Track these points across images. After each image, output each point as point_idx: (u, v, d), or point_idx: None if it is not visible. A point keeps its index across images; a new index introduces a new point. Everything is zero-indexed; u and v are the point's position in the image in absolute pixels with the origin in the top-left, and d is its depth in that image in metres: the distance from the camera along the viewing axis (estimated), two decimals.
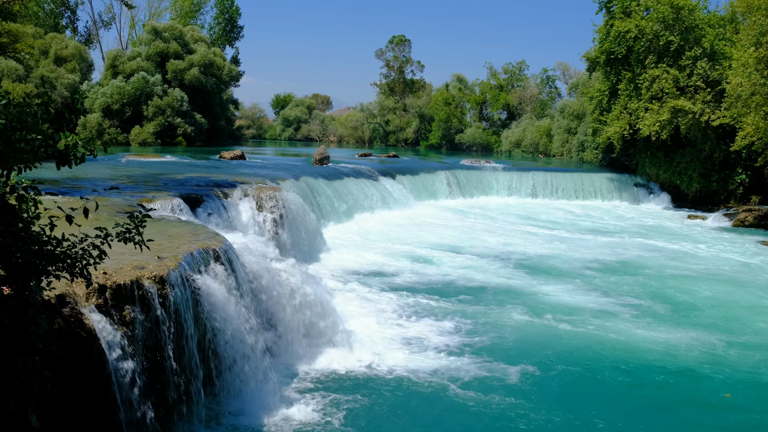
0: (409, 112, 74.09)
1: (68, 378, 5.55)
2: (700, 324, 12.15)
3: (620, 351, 10.51)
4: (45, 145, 4.24)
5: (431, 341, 10.58)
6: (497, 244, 19.76)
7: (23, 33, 35.35)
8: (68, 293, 5.88)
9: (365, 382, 8.90)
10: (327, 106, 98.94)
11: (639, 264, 17.60)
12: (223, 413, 7.67)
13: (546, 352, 10.35)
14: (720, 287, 15.24)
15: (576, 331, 11.46)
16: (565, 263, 17.27)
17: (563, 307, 13.00)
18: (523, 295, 13.84)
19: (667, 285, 15.21)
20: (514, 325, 11.69)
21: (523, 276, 15.57)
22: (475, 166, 35.82)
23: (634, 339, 11.12)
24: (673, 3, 29.82)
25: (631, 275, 16.11)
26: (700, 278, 16.16)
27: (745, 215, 26.34)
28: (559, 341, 10.91)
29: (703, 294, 14.54)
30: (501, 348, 10.44)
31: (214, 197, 14.81)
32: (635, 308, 13.06)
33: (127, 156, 28.23)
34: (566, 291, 14.29)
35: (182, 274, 7.31)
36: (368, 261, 16.40)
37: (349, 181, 24.93)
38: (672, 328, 11.83)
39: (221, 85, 53.15)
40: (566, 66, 65.75)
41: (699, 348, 10.79)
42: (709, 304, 13.69)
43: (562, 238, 21.32)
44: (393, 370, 9.31)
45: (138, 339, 6.41)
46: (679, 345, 10.88)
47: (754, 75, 24.60)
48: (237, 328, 7.97)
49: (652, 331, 11.59)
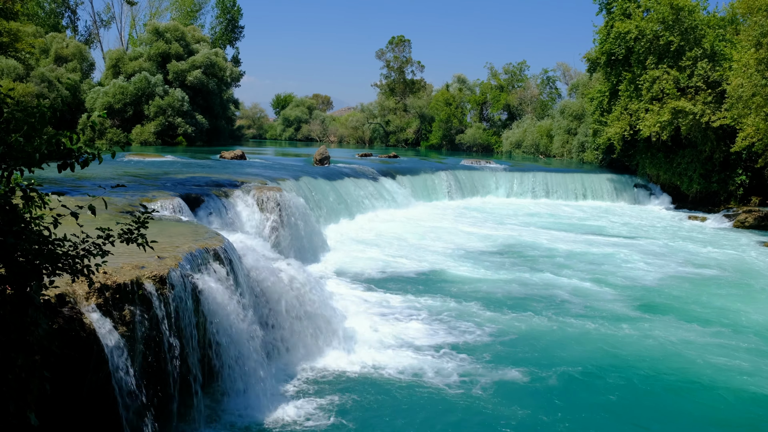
0: (409, 113, 74.11)
1: (68, 377, 5.56)
2: (699, 323, 12.16)
3: (629, 357, 10.51)
4: (49, 151, 4.23)
5: (431, 342, 10.59)
6: (497, 244, 19.76)
7: (23, 32, 35.39)
8: (68, 293, 5.89)
9: (364, 383, 8.92)
10: (327, 106, 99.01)
11: (639, 264, 17.60)
12: (222, 412, 7.68)
13: (547, 353, 10.37)
14: (719, 289, 15.25)
15: (572, 330, 11.48)
16: (561, 262, 17.28)
17: (555, 305, 13.01)
18: (528, 295, 13.85)
19: (666, 285, 15.24)
20: (514, 325, 11.70)
21: (527, 275, 15.58)
22: (475, 166, 35.82)
23: (643, 346, 11.13)
24: (672, 4, 29.82)
25: (630, 275, 16.12)
26: (700, 279, 16.16)
27: (746, 216, 26.34)
28: (557, 342, 10.92)
29: (703, 294, 14.55)
30: (501, 349, 10.45)
31: (215, 197, 14.82)
32: (639, 309, 13.07)
33: (128, 155, 28.26)
34: (562, 290, 14.30)
35: (182, 274, 7.32)
36: (368, 261, 16.40)
37: (349, 182, 24.94)
38: (669, 326, 11.85)
39: (222, 85, 53.19)
40: (567, 66, 65.90)
41: (700, 349, 10.81)
42: (708, 304, 13.71)
43: (565, 240, 21.31)
44: (392, 370, 9.32)
45: (138, 338, 6.42)
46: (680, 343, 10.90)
47: (754, 76, 24.59)
48: (237, 328, 7.99)
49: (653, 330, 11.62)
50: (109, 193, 12.74)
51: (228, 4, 67.66)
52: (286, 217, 15.69)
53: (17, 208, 4.27)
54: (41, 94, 42.39)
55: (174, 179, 17.42)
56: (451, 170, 33.09)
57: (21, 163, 4.22)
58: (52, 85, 44.66)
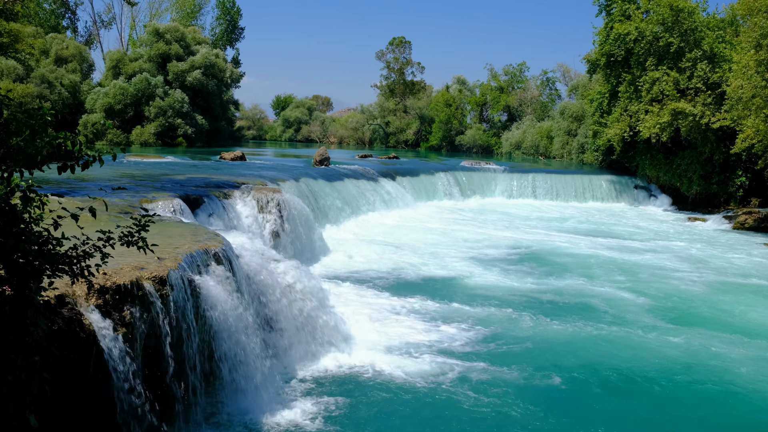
0: (409, 114, 74.10)
1: (68, 378, 5.56)
2: (697, 324, 12.16)
3: (641, 360, 10.50)
4: (50, 152, 4.23)
5: (430, 343, 10.58)
6: (497, 244, 19.76)
7: (23, 33, 35.41)
8: (68, 293, 5.89)
9: (363, 384, 8.91)
10: (327, 108, 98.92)
11: (638, 265, 17.60)
12: (222, 413, 7.68)
13: (547, 353, 10.37)
14: (719, 288, 15.25)
15: (566, 330, 11.48)
16: (559, 264, 17.29)
17: (549, 306, 13.01)
18: (526, 298, 13.85)
19: (667, 285, 15.24)
20: (513, 326, 11.69)
21: (528, 275, 15.58)
22: (475, 167, 35.82)
23: (650, 347, 11.13)
24: (672, 5, 29.85)
25: (628, 277, 16.12)
26: (699, 280, 16.17)
27: (745, 218, 26.33)
28: (553, 342, 10.92)
29: (702, 296, 14.55)
30: (501, 350, 10.46)
31: (215, 198, 14.82)
32: (645, 311, 13.07)
33: (128, 156, 28.24)
34: (558, 290, 14.31)
35: (182, 275, 7.32)
36: (368, 262, 16.40)
37: (349, 182, 24.94)
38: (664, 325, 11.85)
39: (222, 86, 53.23)
40: (567, 68, 65.92)
41: (700, 349, 10.81)
42: (707, 305, 13.71)
43: (565, 239, 21.32)
44: (391, 371, 9.31)
45: (137, 339, 6.41)
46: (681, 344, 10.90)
47: (754, 77, 24.61)
48: (236, 329, 7.99)
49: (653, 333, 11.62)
50: (110, 195, 12.73)
51: (228, 5, 67.74)
52: (286, 218, 15.69)
53: (17, 209, 4.27)
54: (41, 95, 42.41)
55: (174, 180, 17.42)
56: (451, 171, 33.10)
57: (22, 165, 4.22)
58: (53, 86, 44.68)
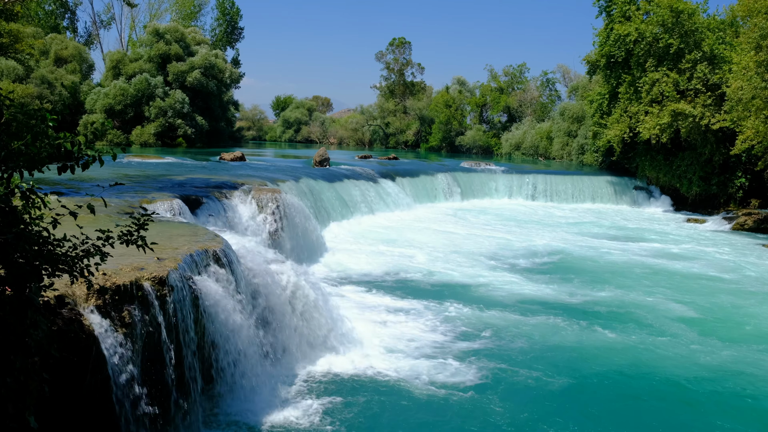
0: (409, 115, 74.09)
1: (67, 379, 5.55)
2: (697, 327, 12.16)
3: (648, 365, 10.51)
4: (50, 153, 4.22)
5: (429, 344, 10.58)
6: (499, 244, 19.76)
7: (23, 33, 35.40)
8: (68, 294, 5.88)
9: (363, 385, 8.90)
10: (327, 108, 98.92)
11: (638, 265, 17.60)
12: (221, 414, 7.67)
13: (547, 354, 10.36)
14: (717, 288, 15.25)
15: (564, 332, 11.48)
16: (559, 266, 17.28)
17: (552, 307, 13.01)
18: (528, 299, 13.84)
19: (674, 286, 15.24)
20: (512, 327, 11.69)
21: (530, 276, 15.57)
22: (475, 168, 35.82)
23: (653, 355, 11.12)
24: (672, 6, 29.85)
25: (628, 276, 16.12)
26: (698, 281, 16.16)
27: (745, 219, 26.34)
28: (551, 343, 10.92)
29: (702, 296, 14.55)
30: (501, 350, 10.45)
31: (214, 198, 14.81)
32: (646, 312, 13.08)
33: (128, 157, 28.24)
34: (557, 291, 14.31)
35: (182, 276, 7.31)
36: (367, 263, 16.38)
37: (349, 183, 24.93)
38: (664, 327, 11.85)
39: (222, 87, 53.22)
40: (566, 69, 65.84)
41: (700, 350, 10.80)
42: (706, 305, 13.70)
43: (564, 240, 21.32)
44: (390, 372, 9.30)
45: (137, 340, 6.40)
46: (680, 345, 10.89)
47: (754, 78, 24.61)
48: (236, 330, 7.98)
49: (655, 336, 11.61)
50: (109, 195, 12.73)
51: (227, 5, 67.74)
52: (285, 219, 15.68)
53: (17, 210, 4.26)
54: (41, 95, 42.41)
55: (174, 180, 17.42)
56: (451, 172, 33.09)
57: (22, 166, 4.21)
58: (52, 86, 44.68)
